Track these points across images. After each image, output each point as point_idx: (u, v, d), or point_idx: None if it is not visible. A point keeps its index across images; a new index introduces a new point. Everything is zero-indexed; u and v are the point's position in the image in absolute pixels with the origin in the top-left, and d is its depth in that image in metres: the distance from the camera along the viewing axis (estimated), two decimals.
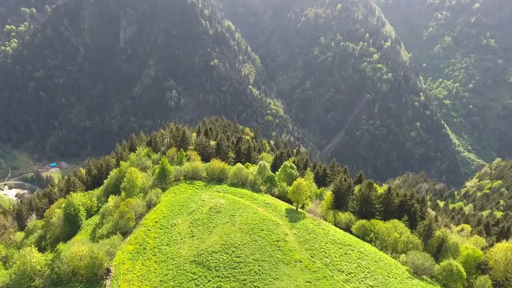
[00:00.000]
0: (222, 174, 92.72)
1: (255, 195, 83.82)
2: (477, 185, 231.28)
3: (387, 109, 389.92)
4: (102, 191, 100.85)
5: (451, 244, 64.96)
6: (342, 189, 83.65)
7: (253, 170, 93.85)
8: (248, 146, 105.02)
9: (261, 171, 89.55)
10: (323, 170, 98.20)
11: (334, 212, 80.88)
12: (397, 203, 78.47)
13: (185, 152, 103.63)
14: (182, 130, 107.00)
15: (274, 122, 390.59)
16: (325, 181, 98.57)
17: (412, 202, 77.78)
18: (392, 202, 78.25)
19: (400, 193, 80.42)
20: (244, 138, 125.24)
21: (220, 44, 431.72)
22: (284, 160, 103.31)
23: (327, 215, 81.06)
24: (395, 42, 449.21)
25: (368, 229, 71.52)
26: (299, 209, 77.97)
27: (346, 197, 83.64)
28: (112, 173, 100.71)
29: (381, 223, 71.94)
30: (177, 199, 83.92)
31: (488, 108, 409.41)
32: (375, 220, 73.38)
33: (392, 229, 70.58)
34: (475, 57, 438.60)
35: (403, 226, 71.83)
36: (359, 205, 77.85)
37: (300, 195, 75.16)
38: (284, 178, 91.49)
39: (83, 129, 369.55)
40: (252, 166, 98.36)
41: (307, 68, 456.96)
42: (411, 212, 76.90)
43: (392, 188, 78.93)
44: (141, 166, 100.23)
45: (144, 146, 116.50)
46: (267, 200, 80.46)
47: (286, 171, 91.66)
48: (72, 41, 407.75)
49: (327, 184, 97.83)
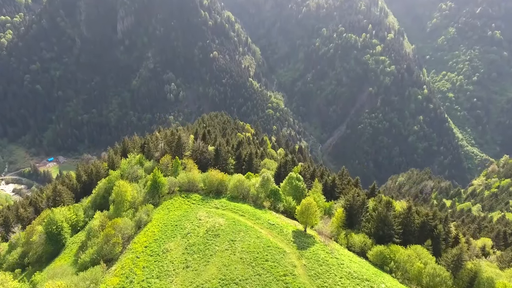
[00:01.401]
0: (221, 186, 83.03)
1: (258, 212, 74.15)
2: (484, 184, 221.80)
3: (389, 102, 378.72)
4: (90, 202, 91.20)
5: (485, 279, 55.57)
6: (355, 205, 73.94)
7: (255, 181, 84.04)
8: (250, 153, 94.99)
9: (264, 184, 79.74)
10: (332, 180, 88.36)
11: (346, 233, 71.33)
12: (418, 224, 68.85)
13: (180, 160, 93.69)
14: (178, 135, 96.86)
15: (274, 115, 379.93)
16: (334, 192, 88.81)
17: (435, 223, 68.14)
18: (412, 223, 68.63)
19: (421, 211, 70.70)
20: (244, 141, 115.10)
21: (220, 35, 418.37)
22: (289, 168, 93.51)
23: (338, 235, 71.61)
24: (398, 34, 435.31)
25: (388, 257, 62.00)
26: (307, 229, 68.44)
27: (359, 214, 74.00)
28: (100, 183, 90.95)
29: (401, 250, 62.40)
30: (170, 217, 74.26)
31: (492, 101, 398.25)
32: (394, 246, 63.83)
33: (414, 257, 61.08)
34: (479, 49, 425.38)
35: (427, 253, 62.31)
36: (375, 226, 68.22)
37: (309, 216, 65.46)
38: (290, 191, 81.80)
39: (81, 123, 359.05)
40: (254, 176, 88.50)
41: (308, 60, 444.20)
42: (434, 234, 67.31)
43: (412, 206, 69.04)
44: (132, 175, 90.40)
45: (137, 151, 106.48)
46: (272, 220, 70.76)
47: (292, 183, 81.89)
48: (69, 32, 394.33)
49: (337, 196, 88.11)
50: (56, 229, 76.51)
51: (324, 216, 79.17)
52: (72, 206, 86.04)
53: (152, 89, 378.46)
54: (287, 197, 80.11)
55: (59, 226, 76.96)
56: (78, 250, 73.36)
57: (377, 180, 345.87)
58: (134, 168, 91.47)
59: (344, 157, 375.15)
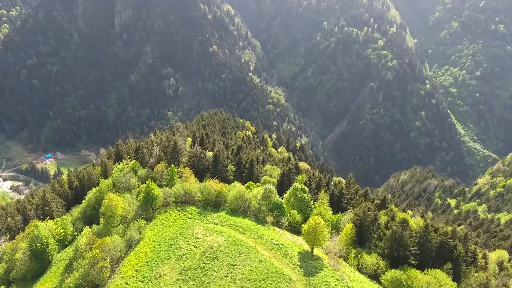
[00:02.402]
0: (220, 198, 76.26)
1: (260, 229, 67.44)
2: (489, 183, 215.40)
3: (391, 98, 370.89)
4: (80, 213, 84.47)
5: None
6: (366, 221, 67.23)
7: (256, 193, 77.26)
8: (251, 159, 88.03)
9: (267, 196, 72.96)
10: (339, 190, 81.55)
11: (356, 252, 64.77)
12: (436, 243, 62.18)
13: (176, 168, 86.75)
14: (174, 140, 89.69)
15: (275, 111, 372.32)
16: (341, 203, 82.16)
17: (455, 243, 61.47)
18: (429, 242, 61.96)
19: (439, 229, 63.99)
20: (245, 145, 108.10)
21: (219, 29, 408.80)
22: (292, 177, 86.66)
23: (348, 254, 65.09)
24: (401, 28, 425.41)
25: (404, 283, 55.44)
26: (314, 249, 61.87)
27: (370, 230, 67.32)
28: (90, 194, 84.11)
29: (420, 275, 55.83)
30: (164, 234, 67.53)
31: (495, 97, 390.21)
32: (411, 270, 57.25)
33: (434, 283, 54.51)
34: (483, 43, 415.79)
35: (448, 280, 55.73)
36: (389, 246, 61.56)
37: (317, 237, 58.73)
38: (294, 204, 75.02)
39: (78, 118, 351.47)
40: (255, 186, 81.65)
41: (309, 55, 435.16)
42: (454, 256, 60.70)
43: (429, 224, 62.29)
44: (125, 184, 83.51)
45: (130, 157, 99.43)
46: (275, 239, 64.08)
47: (297, 195, 75.05)
48: (66, 26, 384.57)
49: (344, 207, 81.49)
50: (41, 247, 69.87)
51: (332, 230, 72.73)
52: (60, 219, 79.27)
53: (150, 84, 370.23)
54: (291, 211, 73.40)
55: (44, 243, 70.30)
56: (64, 270, 66.88)
57: (378, 176, 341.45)
58: (127, 176, 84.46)
59: (345, 153, 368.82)
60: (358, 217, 68.54)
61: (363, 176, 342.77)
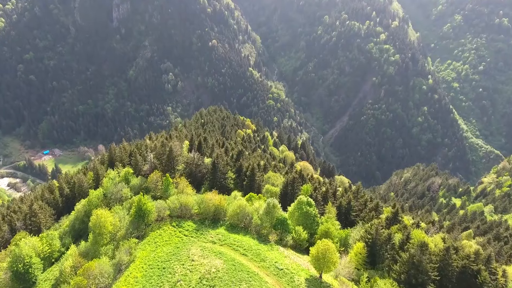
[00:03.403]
0: (219, 212, 69.68)
1: (262, 249, 60.94)
2: (495, 182, 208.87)
3: (393, 93, 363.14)
4: (68, 227, 77.98)
5: None
6: (379, 240, 60.70)
7: (258, 206, 70.65)
8: (252, 167, 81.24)
9: (269, 212, 66.37)
10: (347, 202, 74.93)
11: (369, 275, 58.34)
12: (457, 267, 55.71)
13: (172, 177, 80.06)
14: (169, 146, 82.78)
15: (275, 106, 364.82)
16: (350, 215, 75.64)
17: (479, 267, 55.02)
18: (450, 266, 55.50)
19: (460, 250, 57.50)
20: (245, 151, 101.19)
21: (219, 23, 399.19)
22: (296, 186, 79.94)
23: (359, 277, 58.68)
24: (403, 21, 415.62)
25: None
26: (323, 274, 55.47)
27: (383, 250, 60.83)
28: (78, 206, 77.56)
29: None
30: (158, 254, 60.97)
31: (498, 92, 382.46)
32: None
33: None
34: (486, 37, 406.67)
35: None
36: (405, 271, 55.09)
37: (326, 263, 52.22)
38: (299, 219, 68.43)
39: (76, 114, 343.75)
40: (257, 198, 74.98)
41: (310, 49, 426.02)
42: (477, 282, 54.29)
43: (450, 246, 55.76)
44: (116, 195, 76.91)
45: (124, 162, 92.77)
46: (279, 262, 57.55)
47: (302, 209, 68.45)
48: (62, 20, 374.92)
49: (352, 220, 75.00)
50: (23, 267, 63.42)
51: (340, 248, 66.30)
52: (46, 234, 72.69)
53: (149, 79, 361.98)
54: (296, 227, 66.84)
55: (27, 263, 63.84)
56: None
57: (379, 172, 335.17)
58: (119, 187, 77.85)
59: (346, 149, 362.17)
60: (370, 236, 62.01)
61: (364, 172, 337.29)
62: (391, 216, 71.44)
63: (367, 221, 70.07)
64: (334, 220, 70.30)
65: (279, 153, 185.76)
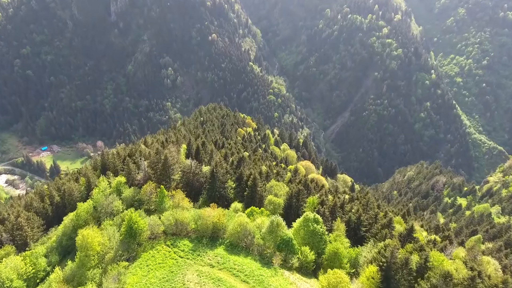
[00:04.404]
0: (218, 229, 63.30)
1: (266, 274, 54.67)
2: (501, 181, 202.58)
3: (396, 88, 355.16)
4: (56, 242, 71.69)
5: None
6: (395, 265, 54.37)
7: (260, 222, 64.27)
8: (254, 177, 74.68)
9: (273, 231, 59.98)
10: (357, 216, 68.49)
11: None
12: None
13: (167, 187, 73.59)
14: (164, 154, 76.09)
15: (276, 102, 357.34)
16: (359, 231, 69.27)
17: None
18: None
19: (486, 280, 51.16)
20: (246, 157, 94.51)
21: (219, 16, 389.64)
22: (301, 199, 73.44)
23: None
24: (406, 15, 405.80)
25: None
26: None
27: (400, 276, 54.53)
28: (66, 220, 71.25)
29: None
30: (150, 280, 54.65)
31: (501, 87, 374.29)
32: None
33: None
34: (490, 31, 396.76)
35: None
36: None
37: None
38: (306, 237, 62.02)
39: (75, 110, 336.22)
40: (259, 213, 68.46)
41: (311, 43, 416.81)
42: None
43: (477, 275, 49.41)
44: (107, 209, 70.49)
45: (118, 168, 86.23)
46: None
47: (309, 227, 62.03)
48: (59, 14, 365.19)
49: (362, 237, 68.66)
50: None
51: (350, 270, 60.07)
52: (30, 253, 66.42)
53: (148, 74, 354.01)
54: (302, 247, 60.45)
55: None
56: None
57: (381, 169, 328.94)
58: (110, 199, 71.36)
59: (347, 145, 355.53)
60: (384, 259, 55.65)
61: (366, 169, 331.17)
62: (405, 233, 64.98)
63: (379, 239, 63.66)
64: (343, 238, 63.91)
65: (280, 152, 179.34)
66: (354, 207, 72.19)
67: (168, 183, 77.99)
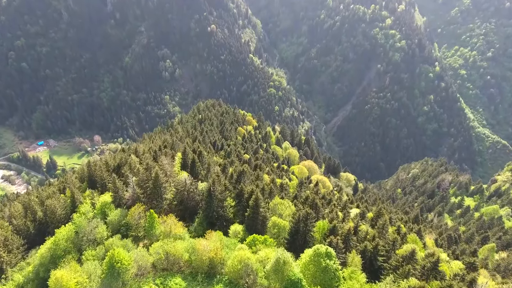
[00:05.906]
0: (215, 265, 54.16)
1: None
2: (510, 180, 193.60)
3: (399, 81, 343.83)
4: (32, 273, 62.60)
5: None
6: None
7: (264, 256, 55.03)
8: (256, 197, 65.22)
9: (279, 270, 50.80)
10: (374, 245, 59.26)
11: None
12: None
13: (159, 209, 64.25)
14: (155, 172, 66.43)
15: (276, 95, 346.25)
16: (375, 261, 60.15)
17: None
18: None
19: None
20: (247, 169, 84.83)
21: (218, 7, 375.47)
22: (310, 223, 64.04)
23: None
24: (409, 5, 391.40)
25: None
26: None
27: None
28: (42, 249, 61.85)
29: None
30: None
31: (506, 79, 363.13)
32: None
33: None
34: (495, 22, 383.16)
35: None
36: None
37: None
38: (317, 276, 52.87)
39: (71, 103, 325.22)
40: (262, 243, 59.11)
41: (312, 34, 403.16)
42: None
43: None
44: (89, 236, 61.20)
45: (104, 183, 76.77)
46: None
47: (320, 263, 52.78)
48: (54, 4, 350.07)
49: (379, 268, 59.60)
50: None
51: None
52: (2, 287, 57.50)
53: (146, 67, 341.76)
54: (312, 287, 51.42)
55: None
56: None
57: (383, 163, 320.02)
58: (92, 224, 62.00)
59: (349, 138, 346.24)
60: None
61: (368, 163, 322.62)
62: (429, 266, 55.80)
63: (401, 275, 54.54)
64: (359, 274, 54.82)
65: (282, 151, 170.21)
66: (370, 232, 62.88)
67: (159, 202, 68.62)
